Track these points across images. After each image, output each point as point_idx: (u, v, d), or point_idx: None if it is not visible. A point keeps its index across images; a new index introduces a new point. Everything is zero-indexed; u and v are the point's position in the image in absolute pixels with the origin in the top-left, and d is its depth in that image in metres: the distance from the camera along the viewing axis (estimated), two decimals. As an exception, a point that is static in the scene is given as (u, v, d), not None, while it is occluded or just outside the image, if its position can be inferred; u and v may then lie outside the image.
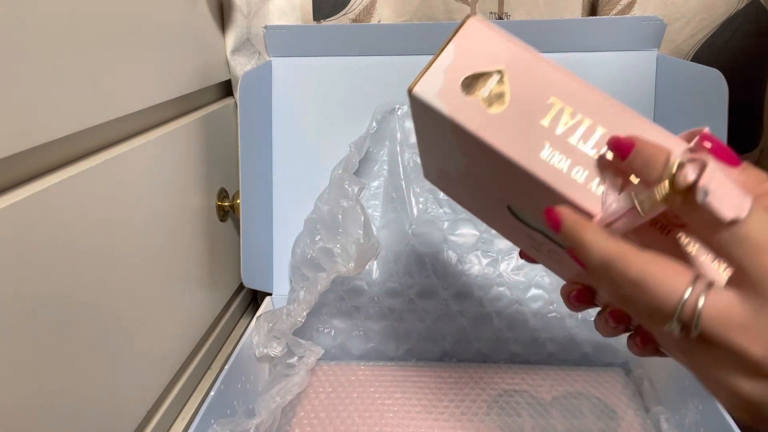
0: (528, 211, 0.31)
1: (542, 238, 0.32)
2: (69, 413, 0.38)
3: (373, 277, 0.62)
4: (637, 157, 0.25)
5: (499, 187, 0.32)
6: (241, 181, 0.57)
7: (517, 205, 0.32)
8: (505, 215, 0.34)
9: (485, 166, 0.31)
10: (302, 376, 0.56)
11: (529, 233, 0.33)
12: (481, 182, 0.34)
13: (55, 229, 0.36)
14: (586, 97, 0.29)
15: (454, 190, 0.41)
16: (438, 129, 0.31)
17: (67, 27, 0.37)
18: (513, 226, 0.35)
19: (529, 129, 0.28)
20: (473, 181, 0.35)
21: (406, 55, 0.62)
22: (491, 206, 0.36)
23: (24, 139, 0.33)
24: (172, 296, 0.52)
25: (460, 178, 0.36)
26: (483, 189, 0.35)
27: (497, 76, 0.29)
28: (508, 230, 0.37)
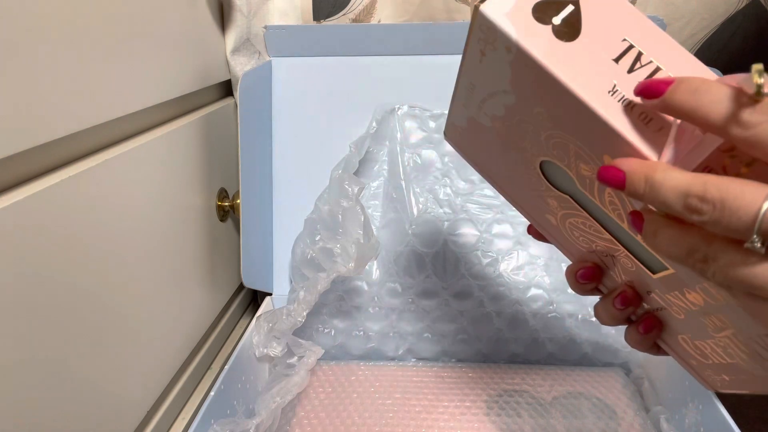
0: (569, 166, 0.30)
1: (570, 205, 0.31)
2: (69, 413, 0.38)
3: (373, 277, 0.62)
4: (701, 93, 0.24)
5: (542, 136, 0.30)
6: (241, 181, 0.57)
7: (558, 157, 0.30)
8: (532, 177, 0.32)
9: (536, 106, 0.29)
10: (302, 376, 0.56)
11: (554, 199, 0.32)
12: (518, 132, 0.32)
13: (55, 229, 0.36)
14: (660, 43, 0.27)
15: (479, 147, 0.38)
16: (495, 57, 0.29)
17: (67, 27, 0.37)
18: (536, 190, 0.33)
19: (598, 66, 0.26)
20: (510, 131, 0.33)
21: (406, 55, 0.63)
22: (518, 166, 0.34)
23: (24, 139, 0.33)
24: (172, 296, 0.52)
25: (494, 129, 0.34)
26: (517, 142, 0.32)
27: (572, 7, 0.27)
28: (528, 197, 0.35)
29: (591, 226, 0.30)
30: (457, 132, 0.39)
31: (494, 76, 0.30)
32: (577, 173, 0.29)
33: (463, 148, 0.40)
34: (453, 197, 0.61)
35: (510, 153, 0.34)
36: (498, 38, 0.28)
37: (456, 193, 0.61)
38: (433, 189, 0.61)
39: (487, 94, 0.32)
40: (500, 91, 0.31)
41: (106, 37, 0.41)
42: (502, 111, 0.32)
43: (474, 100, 0.34)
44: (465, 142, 0.39)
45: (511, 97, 0.30)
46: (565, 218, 0.31)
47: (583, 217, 0.30)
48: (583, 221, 0.30)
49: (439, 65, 0.62)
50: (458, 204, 0.61)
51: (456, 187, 0.61)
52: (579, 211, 0.30)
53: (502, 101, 0.31)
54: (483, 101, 0.33)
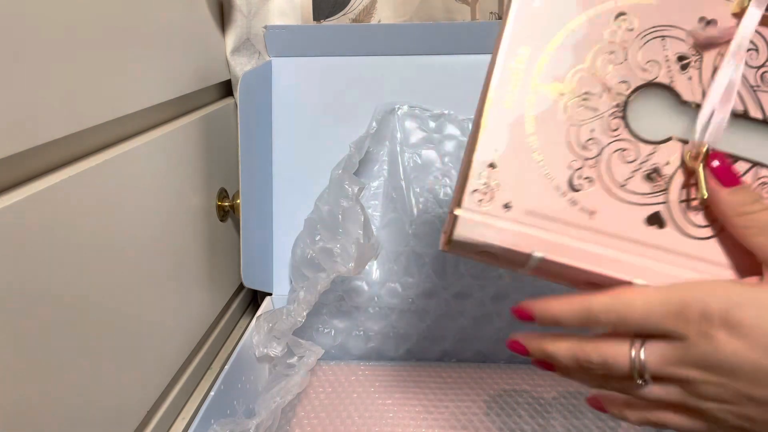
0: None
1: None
2: (69, 413, 0.38)
3: (373, 277, 0.62)
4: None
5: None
6: (241, 181, 0.57)
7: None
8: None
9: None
10: (302, 376, 0.56)
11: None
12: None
13: (55, 229, 0.36)
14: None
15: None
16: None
17: (67, 27, 0.37)
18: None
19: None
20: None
21: (406, 55, 0.63)
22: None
23: (24, 139, 0.33)
24: (172, 296, 0.52)
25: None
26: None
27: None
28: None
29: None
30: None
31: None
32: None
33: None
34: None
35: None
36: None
37: (456, 193, 0.61)
38: (433, 189, 0.61)
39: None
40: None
41: (106, 37, 0.41)
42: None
43: None
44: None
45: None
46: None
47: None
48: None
49: (439, 65, 0.62)
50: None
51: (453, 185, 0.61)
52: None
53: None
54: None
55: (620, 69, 0.29)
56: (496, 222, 0.29)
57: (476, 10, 0.64)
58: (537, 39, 0.29)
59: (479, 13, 0.64)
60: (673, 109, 0.29)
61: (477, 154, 0.29)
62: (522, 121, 0.29)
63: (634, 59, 0.29)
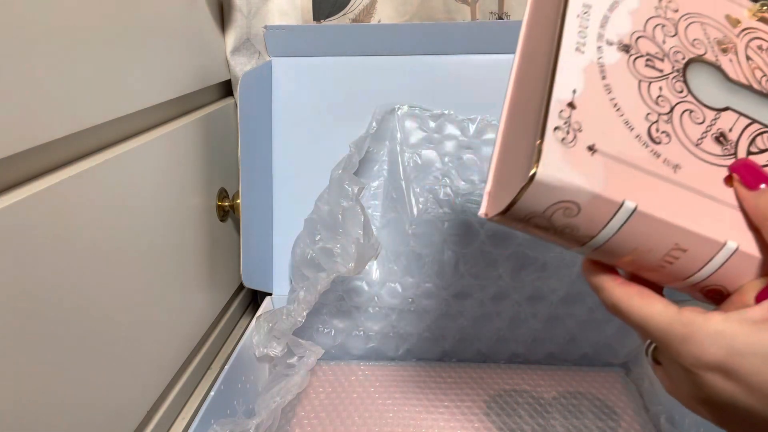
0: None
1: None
2: (69, 413, 0.38)
3: (373, 277, 0.62)
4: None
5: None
6: (241, 181, 0.57)
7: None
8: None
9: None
10: (302, 376, 0.56)
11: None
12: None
13: (55, 229, 0.36)
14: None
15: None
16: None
17: (67, 27, 0.37)
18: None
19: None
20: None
21: (406, 55, 0.63)
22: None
23: (24, 139, 0.33)
24: (172, 296, 0.52)
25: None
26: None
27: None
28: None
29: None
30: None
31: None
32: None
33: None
34: (453, 197, 0.61)
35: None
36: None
37: (456, 193, 0.61)
38: (433, 189, 0.61)
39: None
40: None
41: (106, 37, 0.41)
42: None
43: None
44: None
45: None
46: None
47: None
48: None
49: (440, 65, 0.62)
50: (458, 204, 0.61)
51: (456, 187, 0.61)
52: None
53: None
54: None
55: (673, 41, 0.30)
56: (583, 164, 0.26)
57: (476, 10, 0.64)
58: (599, 1, 0.29)
59: (479, 13, 0.64)
60: (723, 84, 0.30)
61: (555, 93, 0.27)
62: (596, 69, 0.28)
63: (683, 35, 0.30)
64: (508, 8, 0.63)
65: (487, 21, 0.64)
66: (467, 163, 0.62)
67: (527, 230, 0.29)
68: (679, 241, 0.27)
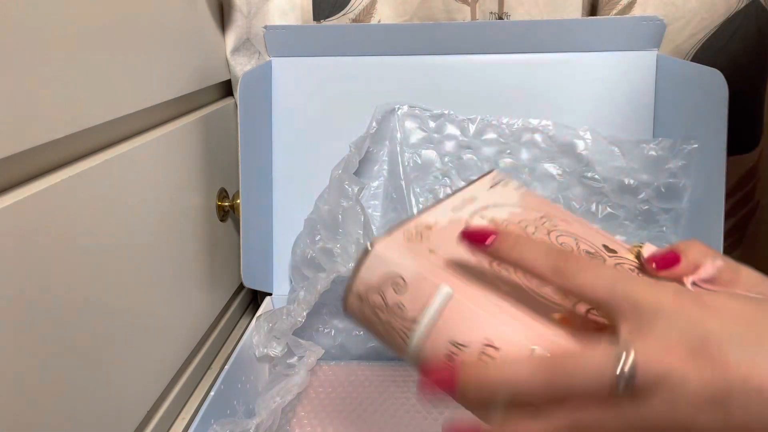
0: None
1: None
2: (69, 413, 0.38)
3: (373, 277, 0.62)
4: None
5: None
6: (241, 181, 0.57)
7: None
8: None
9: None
10: (302, 376, 0.56)
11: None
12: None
13: (55, 229, 0.36)
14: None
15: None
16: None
17: (67, 27, 0.37)
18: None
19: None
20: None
21: (406, 55, 0.62)
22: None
23: (24, 139, 0.33)
24: (172, 296, 0.52)
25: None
26: None
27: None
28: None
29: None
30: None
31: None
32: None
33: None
34: (453, 197, 0.61)
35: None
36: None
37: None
38: (433, 189, 0.61)
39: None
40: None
41: (106, 37, 0.41)
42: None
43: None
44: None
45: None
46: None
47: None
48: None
49: (439, 65, 0.62)
50: (458, 204, 0.61)
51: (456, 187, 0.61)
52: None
53: None
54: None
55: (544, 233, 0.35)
56: (418, 254, 0.29)
57: (476, 10, 0.64)
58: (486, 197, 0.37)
59: (479, 13, 0.64)
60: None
61: (419, 218, 0.32)
62: (462, 222, 0.34)
63: (553, 238, 0.35)
64: (508, 8, 0.63)
65: (487, 21, 0.64)
66: (467, 163, 0.62)
67: (367, 318, 0.30)
68: (486, 339, 0.27)
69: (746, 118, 0.65)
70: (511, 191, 0.38)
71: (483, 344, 0.27)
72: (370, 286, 0.29)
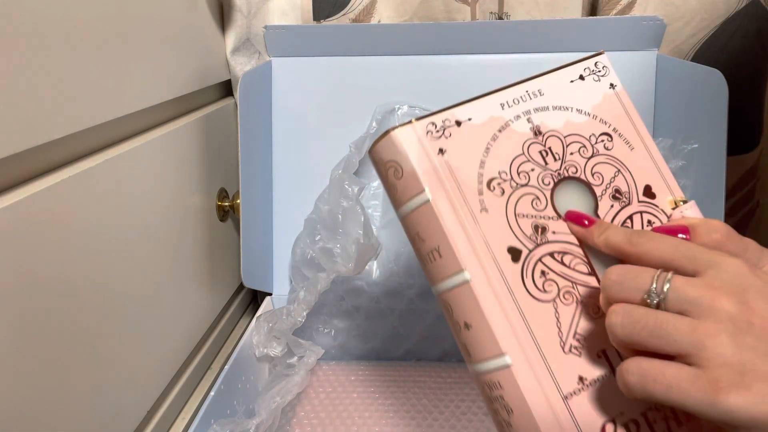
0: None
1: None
2: (69, 413, 0.38)
3: (373, 277, 0.62)
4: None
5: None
6: (241, 181, 0.57)
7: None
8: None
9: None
10: (302, 376, 0.56)
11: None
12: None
13: (54, 229, 0.36)
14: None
15: None
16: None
17: (67, 27, 0.37)
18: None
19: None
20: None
21: (406, 55, 0.62)
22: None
23: (24, 139, 0.33)
24: (172, 296, 0.52)
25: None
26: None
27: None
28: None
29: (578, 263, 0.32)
30: None
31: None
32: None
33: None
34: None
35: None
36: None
37: (456, 193, 0.61)
38: (433, 189, 0.61)
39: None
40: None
41: (106, 37, 0.41)
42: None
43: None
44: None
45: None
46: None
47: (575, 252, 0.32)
48: (572, 258, 0.32)
49: (439, 65, 0.62)
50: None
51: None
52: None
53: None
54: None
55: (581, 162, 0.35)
56: (427, 151, 0.32)
57: (476, 10, 0.64)
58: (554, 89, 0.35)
59: (479, 13, 0.64)
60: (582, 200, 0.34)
61: (456, 110, 0.33)
62: (501, 122, 0.33)
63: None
64: (508, 8, 0.63)
65: (487, 21, 0.64)
66: (467, 163, 0.61)
67: (378, 171, 0.34)
68: (440, 245, 0.31)
69: (746, 118, 0.65)
70: (598, 89, 0.35)
71: (432, 249, 0.32)
72: (381, 158, 0.33)
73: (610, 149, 0.34)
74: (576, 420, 0.29)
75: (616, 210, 0.33)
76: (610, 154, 0.34)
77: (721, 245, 0.29)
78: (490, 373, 0.30)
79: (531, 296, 0.30)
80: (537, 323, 0.30)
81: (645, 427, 0.30)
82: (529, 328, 0.30)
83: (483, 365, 0.31)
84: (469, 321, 0.31)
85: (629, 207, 0.33)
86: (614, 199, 0.33)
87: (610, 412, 0.30)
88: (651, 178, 0.34)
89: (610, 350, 0.30)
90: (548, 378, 0.29)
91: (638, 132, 0.35)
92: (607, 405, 0.30)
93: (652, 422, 0.30)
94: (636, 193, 0.33)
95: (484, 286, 0.30)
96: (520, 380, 0.29)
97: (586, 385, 0.30)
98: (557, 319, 0.31)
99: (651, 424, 0.30)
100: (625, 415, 0.30)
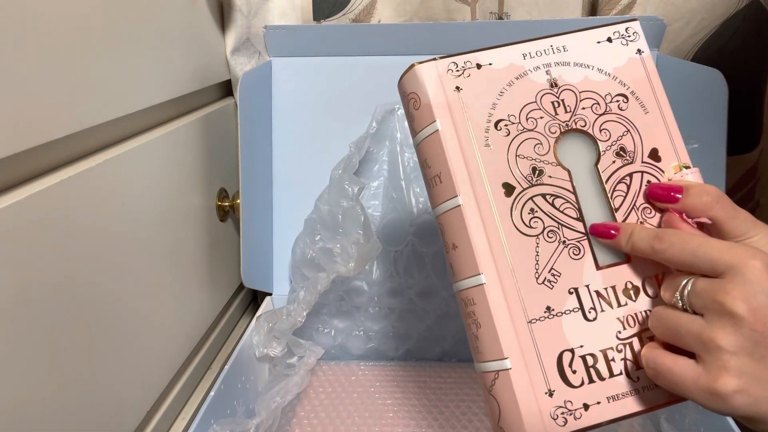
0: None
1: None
2: (69, 413, 0.38)
3: (373, 277, 0.62)
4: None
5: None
6: (241, 181, 0.57)
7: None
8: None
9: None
10: (302, 376, 0.56)
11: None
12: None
13: (54, 229, 0.36)
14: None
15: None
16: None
17: (67, 27, 0.37)
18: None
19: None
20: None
21: (406, 55, 0.62)
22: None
23: (24, 139, 0.33)
24: (172, 296, 0.52)
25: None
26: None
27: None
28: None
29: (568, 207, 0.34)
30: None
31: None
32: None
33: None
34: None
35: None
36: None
37: (456, 193, 0.61)
38: (433, 189, 0.61)
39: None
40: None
41: (106, 37, 0.41)
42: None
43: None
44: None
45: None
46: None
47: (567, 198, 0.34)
48: (564, 202, 0.34)
49: (439, 65, 0.62)
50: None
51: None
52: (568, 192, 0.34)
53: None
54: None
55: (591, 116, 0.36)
56: (444, 87, 0.34)
57: (476, 10, 0.64)
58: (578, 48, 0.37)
59: (479, 13, 0.64)
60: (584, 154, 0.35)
61: (479, 54, 0.35)
62: (520, 70, 0.35)
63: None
64: (508, 8, 0.63)
65: (487, 21, 0.64)
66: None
67: (402, 99, 0.37)
68: (441, 172, 0.34)
69: (746, 118, 0.65)
70: (624, 53, 0.36)
71: (435, 174, 0.34)
72: (405, 90, 0.36)
73: (624, 110, 0.35)
74: (536, 343, 0.32)
75: (617, 166, 0.34)
76: (623, 115, 0.35)
77: (710, 207, 0.31)
78: (467, 289, 0.34)
79: (516, 229, 0.33)
80: (516, 253, 0.33)
81: (602, 362, 0.32)
82: (508, 255, 0.32)
83: (463, 283, 0.34)
84: (456, 242, 0.33)
85: (631, 165, 0.34)
86: (617, 156, 0.34)
87: (570, 342, 0.32)
88: (660, 142, 0.35)
89: (582, 290, 0.33)
90: (517, 301, 0.32)
91: (657, 98, 0.36)
92: (569, 336, 0.32)
93: (610, 360, 0.32)
94: (641, 153, 0.35)
95: (473, 212, 0.33)
96: (490, 297, 0.32)
97: (553, 315, 0.32)
98: (537, 253, 0.33)
99: (608, 362, 0.32)
100: (584, 348, 0.32)
